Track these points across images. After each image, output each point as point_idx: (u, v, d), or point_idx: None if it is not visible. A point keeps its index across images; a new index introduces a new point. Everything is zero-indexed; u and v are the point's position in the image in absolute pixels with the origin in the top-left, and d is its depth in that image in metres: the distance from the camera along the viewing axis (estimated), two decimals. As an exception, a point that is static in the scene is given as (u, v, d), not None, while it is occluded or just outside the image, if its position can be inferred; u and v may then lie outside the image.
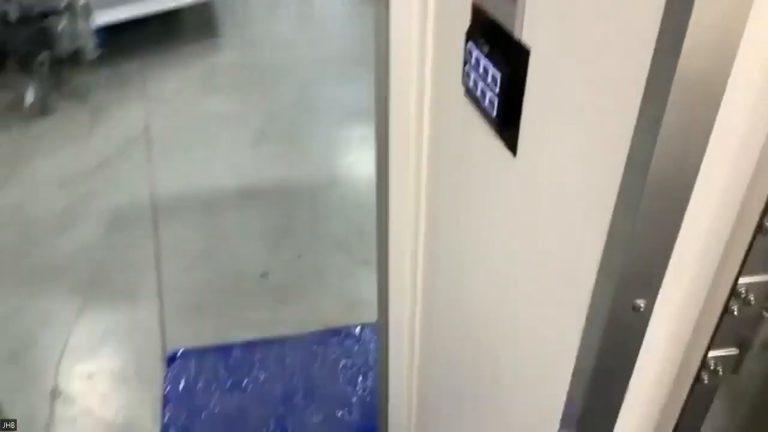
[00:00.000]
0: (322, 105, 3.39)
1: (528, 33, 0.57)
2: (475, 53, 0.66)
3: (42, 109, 3.26)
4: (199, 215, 2.66)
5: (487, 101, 0.65)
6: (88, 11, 3.24)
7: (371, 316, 1.41)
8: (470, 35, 0.68)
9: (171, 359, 2.04)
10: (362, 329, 2.11)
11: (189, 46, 3.99)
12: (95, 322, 2.18)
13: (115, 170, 2.93)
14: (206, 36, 4.14)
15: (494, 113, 0.64)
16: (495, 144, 0.67)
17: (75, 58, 3.27)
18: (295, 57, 3.89)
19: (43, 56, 3.20)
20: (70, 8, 3.20)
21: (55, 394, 1.90)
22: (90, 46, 3.25)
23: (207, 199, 2.76)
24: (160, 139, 3.15)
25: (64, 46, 3.23)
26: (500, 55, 0.61)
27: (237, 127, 3.24)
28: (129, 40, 3.71)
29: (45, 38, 3.16)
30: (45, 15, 3.15)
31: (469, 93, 0.71)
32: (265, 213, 2.68)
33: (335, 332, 2.11)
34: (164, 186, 2.82)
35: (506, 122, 0.62)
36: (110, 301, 2.27)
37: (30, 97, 3.24)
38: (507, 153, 0.64)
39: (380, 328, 1.24)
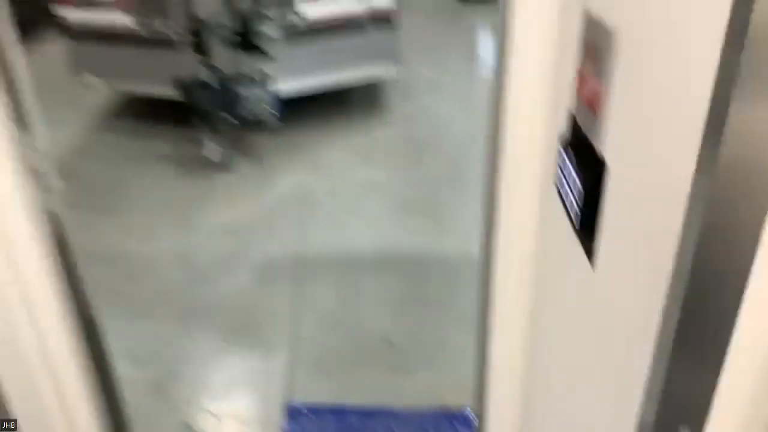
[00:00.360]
0: (470, 182, 3.47)
1: (606, 148, 0.60)
2: (566, 160, 0.69)
3: (222, 164, 3.72)
4: (338, 276, 2.83)
5: (572, 209, 0.68)
6: (273, 83, 3.67)
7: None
8: (564, 142, 0.71)
9: (291, 412, 2.16)
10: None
11: (355, 120, 4.32)
12: (231, 364, 2.38)
13: (274, 226, 3.23)
14: (372, 111, 4.47)
15: (577, 222, 0.66)
16: (578, 251, 0.69)
17: (256, 122, 3.70)
18: (451, 134, 4.05)
19: (230, 119, 3.66)
20: (257, 79, 3.65)
21: (185, 427, 2.10)
22: (270, 114, 3.66)
23: (348, 261, 2.93)
24: (318, 203, 3.42)
25: (249, 112, 3.67)
26: (584, 167, 0.64)
27: (386, 196, 3.42)
28: (304, 110, 4.12)
29: (233, 103, 3.62)
30: (236, 83, 3.62)
31: (561, 197, 0.74)
32: (399, 281, 2.78)
33: (449, 414, 2.10)
34: (313, 245, 3.05)
35: (586, 233, 0.65)
36: (247, 346, 2.46)
37: (213, 153, 3.71)
38: (586, 263, 0.66)
39: (478, 416, 1.24)
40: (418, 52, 5.09)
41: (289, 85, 3.88)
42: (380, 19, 4.08)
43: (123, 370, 1.65)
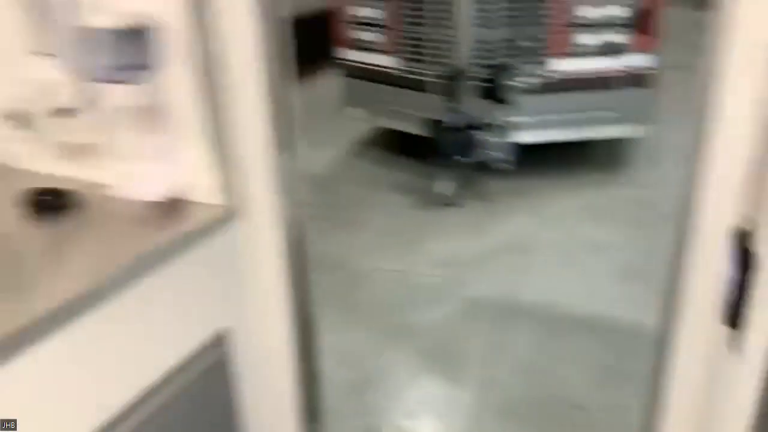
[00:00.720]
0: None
1: (763, 242, 0.60)
2: (730, 252, 0.69)
3: (449, 201, 3.94)
4: (542, 329, 2.81)
5: (724, 298, 0.67)
6: (508, 130, 3.80)
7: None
8: (732, 235, 0.71)
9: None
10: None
11: (587, 174, 4.24)
12: (423, 386, 2.52)
13: (489, 266, 3.33)
14: (607, 168, 4.33)
15: (725, 311, 0.66)
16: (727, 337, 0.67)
17: (486, 165, 3.85)
18: (694, 205, 3.76)
19: (466, 160, 3.87)
20: (499, 127, 3.80)
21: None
22: (502, 159, 3.79)
23: (555, 316, 2.90)
24: (535, 251, 3.44)
25: (485, 156, 3.84)
26: (740, 259, 0.64)
27: (608, 258, 3.31)
28: (538, 156, 4.15)
29: (472, 146, 3.82)
30: (478, 128, 3.81)
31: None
32: (605, 349, 2.67)
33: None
34: (523, 293, 3.07)
35: (734, 322, 0.64)
36: (441, 374, 2.58)
37: (443, 189, 3.95)
38: (731, 348, 0.65)
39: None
40: (672, 113, 4.80)
41: (530, 135, 3.98)
42: (635, 78, 3.98)
43: (327, 367, 1.87)
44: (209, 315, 1.47)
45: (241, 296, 1.55)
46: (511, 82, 3.79)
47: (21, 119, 1.43)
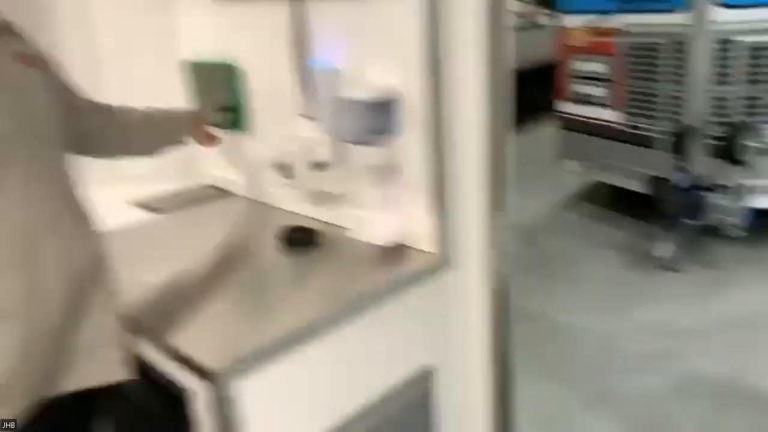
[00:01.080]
0: None
1: None
2: None
3: (668, 265, 3.73)
4: (766, 417, 2.54)
5: None
6: (743, 193, 3.51)
7: None
8: None
9: None
10: None
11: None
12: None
13: (709, 341, 3.09)
14: None
15: None
16: None
17: (714, 229, 3.59)
18: None
19: (691, 223, 3.65)
20: (731, 189, 3.54)
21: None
22: (734, 224, 3.51)
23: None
24: (763, 330, 3.14)
25: (712, 219, 3.59)
26: None
27: None
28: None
29: (698, 208, 3.60)
30: (707, 189, 3.59)
31: None
32: None
33: None
34: (748, 376, 2.81)
35: None
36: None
37: (662, 252, 3.75)
38: None
39: None
40: None
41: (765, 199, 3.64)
42: None
43: (520, 420, 1.92)
44: (417, 352, 1.64)
45: (447, 339, 1.70)
46: (750, 142, 3.53)
47: (285, 169, 1.76)
